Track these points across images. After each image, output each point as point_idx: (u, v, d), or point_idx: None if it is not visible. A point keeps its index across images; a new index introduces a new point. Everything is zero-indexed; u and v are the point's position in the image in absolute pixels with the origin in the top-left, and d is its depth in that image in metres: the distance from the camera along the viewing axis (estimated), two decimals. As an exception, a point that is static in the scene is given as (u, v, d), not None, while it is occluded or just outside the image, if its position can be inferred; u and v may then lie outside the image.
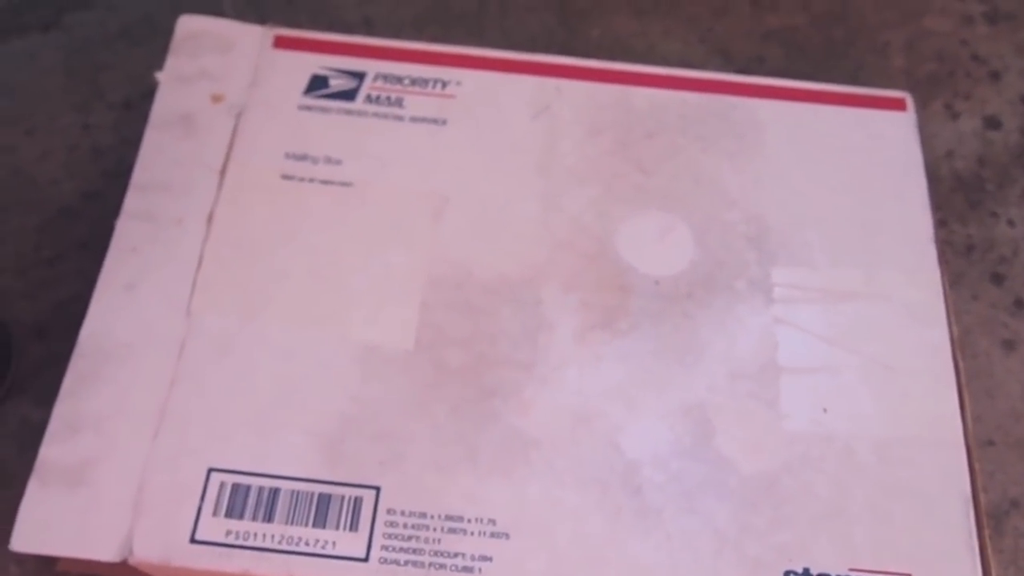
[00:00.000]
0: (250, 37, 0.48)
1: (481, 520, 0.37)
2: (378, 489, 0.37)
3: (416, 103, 0.47)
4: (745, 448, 0.39)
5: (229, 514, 0.37)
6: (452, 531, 0.37)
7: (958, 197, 0.53)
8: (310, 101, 0.47)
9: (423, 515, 0.37)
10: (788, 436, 0.39)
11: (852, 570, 0.37)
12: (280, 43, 0.48)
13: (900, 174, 0.46)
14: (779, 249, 0.44)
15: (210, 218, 0.44)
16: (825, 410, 0.40)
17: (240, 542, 0.36)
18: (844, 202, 0.45)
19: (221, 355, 0.40)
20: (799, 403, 0.40)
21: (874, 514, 0.38)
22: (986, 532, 0.38)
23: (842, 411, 0.40)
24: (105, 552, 0.36)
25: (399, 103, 0.47)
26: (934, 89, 0.56)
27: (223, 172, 0.45)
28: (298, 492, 0.37)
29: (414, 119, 0.47)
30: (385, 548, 0.36)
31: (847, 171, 0.46)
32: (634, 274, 0.43)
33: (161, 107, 0.47)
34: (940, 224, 0.51)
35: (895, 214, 0.45)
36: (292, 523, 0.37)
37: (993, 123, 0.55)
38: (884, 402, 0.40)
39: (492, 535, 0.37)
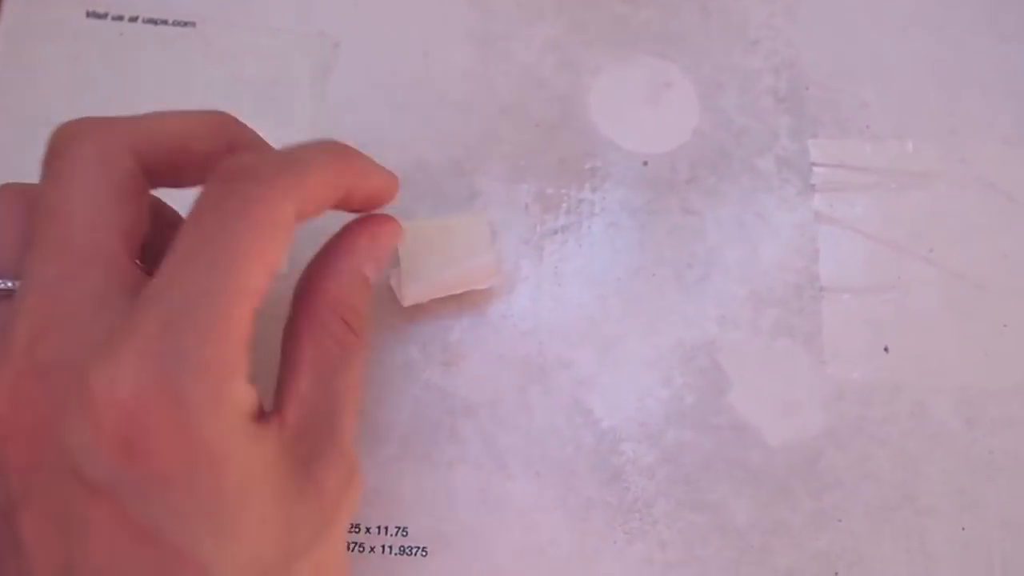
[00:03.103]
0: None
1: (385, 529, 0.25)
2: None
3: (290, -101, 0.32)
4: (773, 408, 0.27)
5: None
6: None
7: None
8: (130, -103, 0.32)
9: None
10: (834, 388, 0.27)
11: (923, 581, 0.26)
12: None
13: (993, -2, 0.32)
14: (821, 112, 0.30)
15: (-21, 79, 0.29)
16: (887, 349, 0.28)
17: None
18: (915, 42, 0.31)
19: None
20: (849, 340, 0.28)
21: (959, 502, 0.26)
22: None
23: (912, 351, 0.28)
24: None
25: (264, -101, 0.32)
26: None
27: (-2, 8, 0.30)
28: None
29: (287, -77, 0.32)
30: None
31: (918, -6, 0.32)
32: (613, 151, 0.30)
33: (-96, -91, 0.31)
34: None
35: (987, 58, 0.31)
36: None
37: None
38: (973, 337, 0.28)
39: (402, 551, 0.25)
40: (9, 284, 0.19)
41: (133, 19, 0.30)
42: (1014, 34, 0.31)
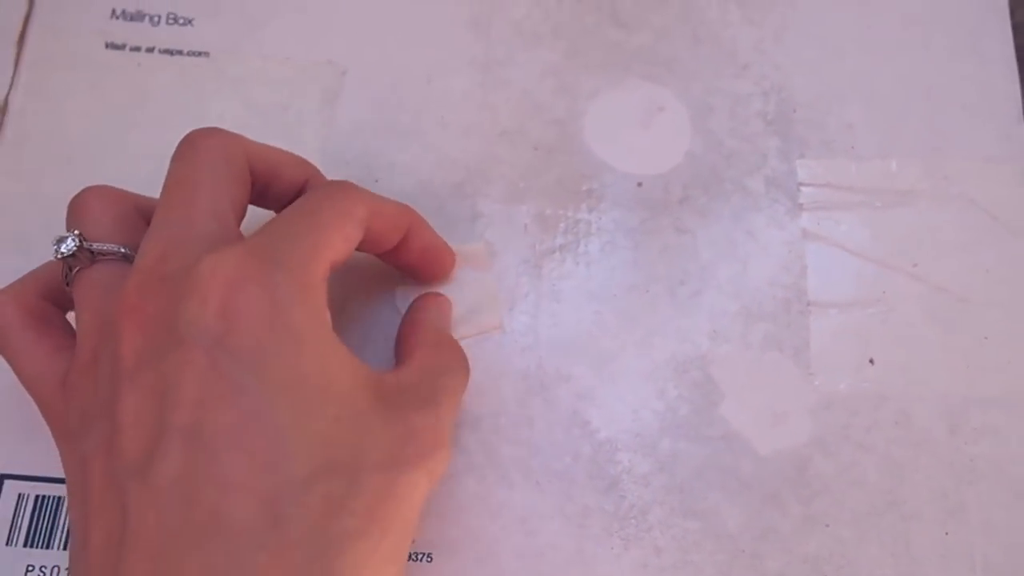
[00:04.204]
0: None
1: (393, 537, 0.26)
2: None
3: (298, -67, 0.33)
4: (763, 418, 0.28)
5: (31, 542, 0.26)
6: (351, 555, 0.26)
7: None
8: (146, -67, 0.33)
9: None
10: (822, 399, 0.28)
11: (909, 584, 0.27)
12: None
13: (976, 21, 0.33)
14: (808, 133, 0.31)
15: (3, 109, 0.31)
16: (872, 361, 0.29)
17: (49, 581, 0.26)
18: (898, 64, 0.32)
19: (19, 309, 0.28)
20: (836, 352, 0.29)
21: (942, 508, 0.27)
22: (1088, 521, 0.27)
23: (897, 362, 0.29)
24: None
25: (273, -67, 0.33)
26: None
27: (21, 40, 0.32)
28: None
29: (295, -44, 0.33)
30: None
31: (902, 19, 0.33)
32: (608, 172, 0.31)
33: (-69, -53, 0.33)
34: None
35: (969, 79, 0.32)
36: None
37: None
38: (956, 349, 0.29)
39: (408, 557, 0.26)
40: (119, 248, 0.23)
41: (150, 50, 0.32)
42: (994, 56, 0.32)
